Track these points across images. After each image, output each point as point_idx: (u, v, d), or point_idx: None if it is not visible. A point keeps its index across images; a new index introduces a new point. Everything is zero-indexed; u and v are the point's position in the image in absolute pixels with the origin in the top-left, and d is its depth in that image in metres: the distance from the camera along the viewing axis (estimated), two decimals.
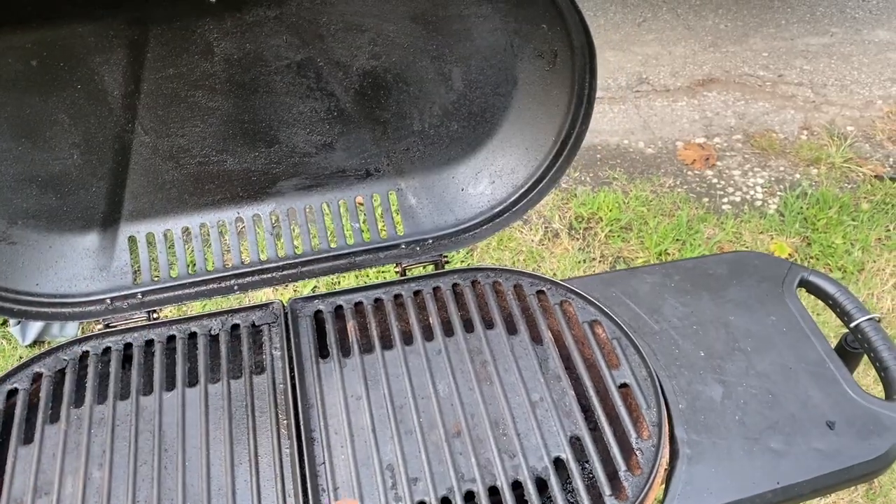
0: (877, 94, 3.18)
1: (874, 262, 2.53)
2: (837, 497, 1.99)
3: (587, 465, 0.90)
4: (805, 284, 1.12)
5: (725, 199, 2.77)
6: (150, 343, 1.02)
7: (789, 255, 2.54)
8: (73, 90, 0.93)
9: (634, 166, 2.90)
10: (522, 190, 1.10)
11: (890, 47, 3.40)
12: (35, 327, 2.14)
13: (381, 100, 1.04)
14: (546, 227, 2.66)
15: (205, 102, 0.99)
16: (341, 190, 1.11)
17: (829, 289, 1.10)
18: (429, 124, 1.08)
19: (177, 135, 1.01)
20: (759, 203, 2.76)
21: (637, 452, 0.89)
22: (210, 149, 1.03)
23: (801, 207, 2.69)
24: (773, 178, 2.85)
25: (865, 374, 2.10)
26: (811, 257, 2.55)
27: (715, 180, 2.85)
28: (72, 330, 2.16)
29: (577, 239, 2.62)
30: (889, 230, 2.63)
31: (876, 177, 2.82)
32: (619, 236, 2.60)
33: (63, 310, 1.03)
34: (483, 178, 1.12)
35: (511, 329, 1.03)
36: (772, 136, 3.01)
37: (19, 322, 2.14)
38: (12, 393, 0.96)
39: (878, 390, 1.06)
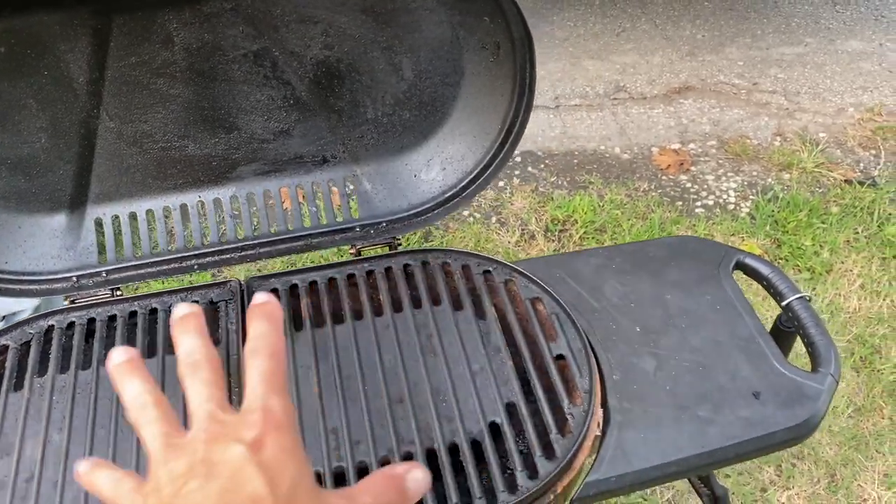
0: (849, 101, 3.25)
1: (842, 263, 2.59)
2: (800, 489, 2.03)
3: (521, 429, 0.94)
4: (741, 266, 1.18)
5: (699, 203, 2.84)
6: (112, 318, 1.07)
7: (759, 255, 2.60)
8: (39, 76, 0.99)
9: (610, 171, 2.96)
10: (471, 176, 1.16)
11: (862, 57, 3.48)
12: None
13: (335, 88, 1.10)
14: (523, 229, 2.72)
15: (166, 90, 1.05)
16: (299, 175, 1.16)
17: (763, 270, 1.16)
18: (382, 113, 1.14)
19: (140, 120, 1.07)
20: (731, 206, 2.83)
21: (569, 417, 0.95)
22: (172, 134, 1.09)
23: (772, 210, 2.75)
24: (745, 183, 2.92)
25: None
26: (781, 258, 2.61)
27: (689, 185, 2.91)
28: None
29: (553, 240, 2.68)
30: (857, 232, 2.69)
31: (846, 181, 2.89)
32: (593, 238, 2.66)
33: (31, 287, 1.09)
34: (435, 165, 1.17)
35: (457, 306, 1.08)
36: (746, 142, 3.08)
37: (3, 318, 2.19)
38: None
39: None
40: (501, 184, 2.91)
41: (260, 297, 0.69)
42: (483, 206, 2.82)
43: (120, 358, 0.66)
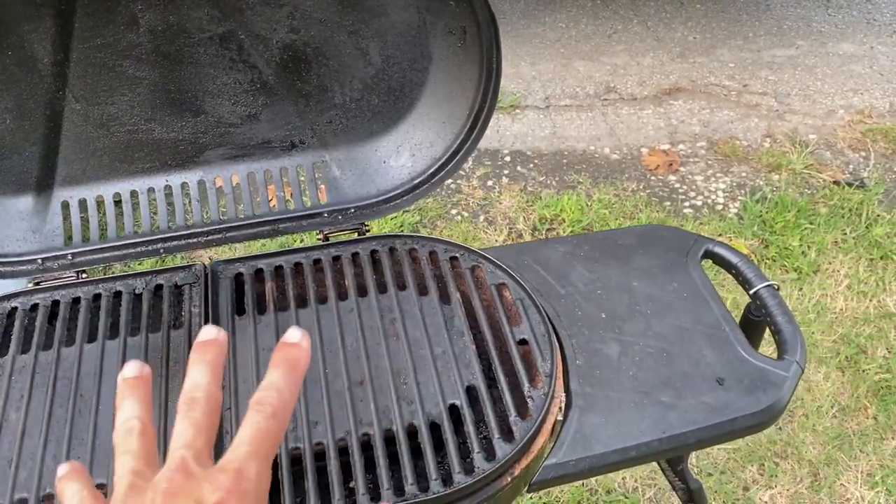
0: (839, 103, 3.25)
1: (829, 263, 2.58)
2: (782, 488, 2.03)
3: (481, 411, 0.94)
4: (710, 255, 1.17)
5: (687, 203, 2.83)
6: (76, 300, 1.07)
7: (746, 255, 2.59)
8: (3, 56, 0.99)
9: (599, 171, 2.96)
10: (441, 162, 1.16)
11: (854, 59, 3.48)
12: None
13: (303, 73, 1.10)
14: (510, 228, 2.72)
15: (132, 72, 1.05)
16: (267, 160, 1.16)
17: (732, 259, 1.15)
18: (350, 98, 1.13)
19: (106, 103, 1.06)
20: (719, 207, 2.83)
21: (529, 400, 0.94)
22: (139, 117, 1.09)
23: (761, 211, 2.75)
24: (734, 184, 2.92)
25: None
26: (768, 258, 2.60)
27: (677, 185, 2.91)
28: None
29: (540, 239, 2.68)
30: (845, 233, 2.69)
31: (834, 182, 2.89)
32: None
33: None
34: (404, 152, 1.17)
35: (422, 291, 1.08)
36: (735, 143, 3.08)
37: None
38: None
39: None
40: (490, 183, 2.91)
41: (293, 335, 0.62)
42: (471, 205, 2.82)
43: (131, 373, 0.65)
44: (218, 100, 1.10)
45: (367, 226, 1.18)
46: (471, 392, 0.96)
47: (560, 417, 0.97)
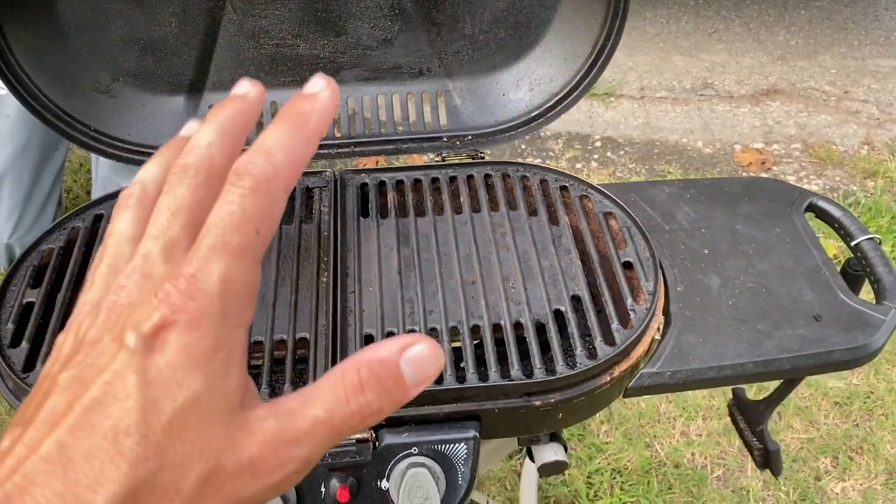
0: None
1: None
2: (855, 482, 2.01)
3: (584, 318, 1.00)
4: (813, 208, 1.20)
5: None
6: None
7: (834, 255, 2.57)
8: None
9: (690, 163, 2.97)
10: (558, 97, 1.22)
11: None
12: None
13: (439, 1, 1.18)
14: None
15: None
16: (395, 84, 1.25)
17: (835, 212, 1.18)
18: (479, 30, 1.21)
19: (260, 16, 1.17)
20: None
21: (631, 313, 0.99)
22: (287, 32, 1.18)
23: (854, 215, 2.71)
24: (827, 187, 2.88)
25: None
26: None
27: None
28: None
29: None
30: None
31: None
32: None
33: (147, 158, 1.20)
34: (523, 85, 1.24)
35: (532, 212, 1.14)
36: (831, 147, 3.04)
37: None
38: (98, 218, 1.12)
39: None
40: (579, 165, 2.95)
41: (313, 84, 0.44)
42: None
43: (241, 89, 0.47)
44: (359, 22, 1.19)
45: (482, 153, 1.25)
46: (575, 301, 1.02)
47: (658, 337, 1.01)
